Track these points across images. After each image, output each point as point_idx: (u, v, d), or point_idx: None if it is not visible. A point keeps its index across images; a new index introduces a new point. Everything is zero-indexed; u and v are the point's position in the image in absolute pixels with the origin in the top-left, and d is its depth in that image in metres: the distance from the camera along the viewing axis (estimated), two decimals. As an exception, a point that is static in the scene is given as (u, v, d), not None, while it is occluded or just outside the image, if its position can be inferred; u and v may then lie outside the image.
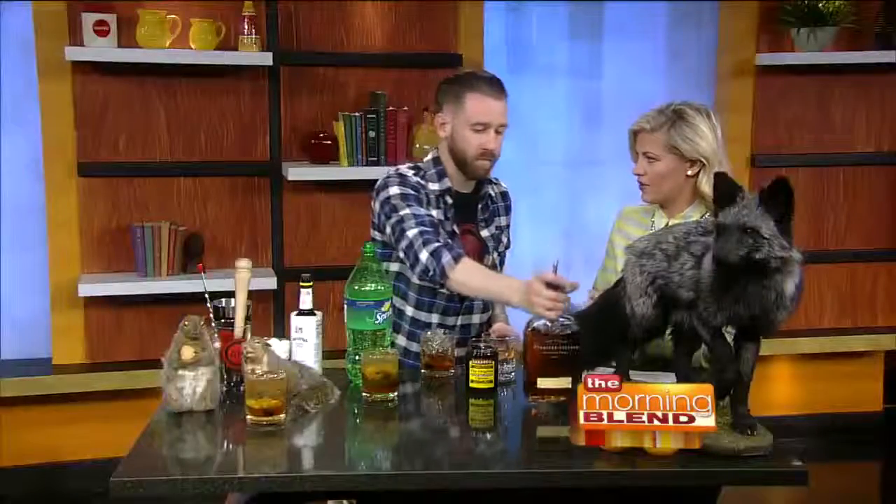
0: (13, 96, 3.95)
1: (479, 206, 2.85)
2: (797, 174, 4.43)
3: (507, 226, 2.96)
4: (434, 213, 2.73)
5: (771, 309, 2.03)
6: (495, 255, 2.88)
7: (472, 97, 2.71)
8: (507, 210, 2.96)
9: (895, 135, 4.60)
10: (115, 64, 3.85)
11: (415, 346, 2.75)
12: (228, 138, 4.05)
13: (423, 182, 2.77)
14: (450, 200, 2.77)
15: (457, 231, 2.77)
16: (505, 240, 2.94)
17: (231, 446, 2.18)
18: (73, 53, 3.74)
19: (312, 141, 4.01)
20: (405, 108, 4.00)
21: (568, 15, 4.48)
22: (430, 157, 2.84)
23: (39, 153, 3.90)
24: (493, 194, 2.89)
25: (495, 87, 2.73)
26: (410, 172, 2.78)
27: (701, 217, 2.66)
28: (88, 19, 3.74)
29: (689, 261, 2.13)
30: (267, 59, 3.87)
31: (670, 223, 2.69)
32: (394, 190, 2.73)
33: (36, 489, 3.95)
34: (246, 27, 3.86)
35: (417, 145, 4.02)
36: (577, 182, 4.47)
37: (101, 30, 3.74)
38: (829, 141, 4.56)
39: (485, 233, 2.85)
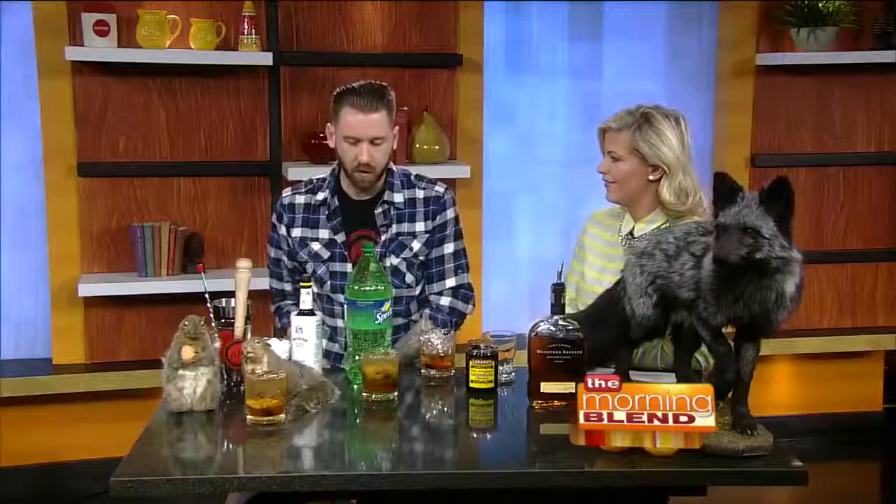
0: (13, 96, 3.95)
1: (380, 212, 2.89)
2: (797, 174, 4.43)
3: (427, 232, 2.90)
4: (296, 231, 2.91)
5: (771, 309, 2.03)
6: (395, 259, 2.88)
7: (345, 111, 2.81)
8: (427, 216, 2.91)
9: (895, 135, 4.60)
10: (115, 64, 3.86)
11: (336, 348, 2.92)
12: (228, 138, 4.05)
13: (298, 201, 2.93)
14: (331, 209, 2.89)
15: (337, 240, 2.88)
16: (417, 246, 2.89)
17: (231, 446, 2.19)
18: (73, 53, 3.74)
19: (312, 141, 4.01)
20: (405, 108, 4.00)
21: (568, 15, 4.48)
22: (336, 163, 2.97)
23: (39, 153, 3.90)
24: (397, 201, 2.90)
25: (367, 100, 2.79)
26: (288, 192, 2.97)
27: (664, 223, 2.65)
28: (88, 19, 3.74)
29: (689, 261, 2.13)
30: (267, 59, 3.88)
31: (636, 228, 2.70)
32: (272, 217, 3.00)
33: (36, 489, 3.95)
34: (246, 27, 3.86)
35: (417, 145, 4.03)
36: (576, 182, 4.47)
37: (101, 30, 3.74)
38: (829, 141, 4.56)
39: (382, 237, 2.88)
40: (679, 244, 2.18)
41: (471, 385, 2.40)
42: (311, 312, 2.48)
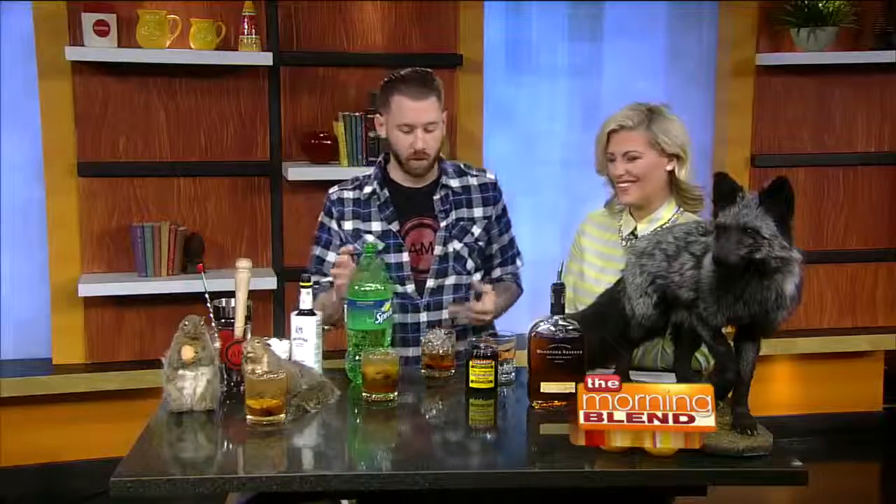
0: (13, 96, 3.95)
1: (439, 197, 2.88)
2: (797, 174, 4.44)
3: (486, 218, 2.92)
4: (348, 224, 2.86)
5: (771, 309, 2.03)
6: (458, 244, 2.87)
7: (396, 99, 2.79)
8: (486, 202, 2.92)
9: (895, 135, 4.60)
10: (115, 64, 3.86)
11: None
12: (228, 138, 4.05)
13: (347, 196, 2.89)
14: (381, 200, 2.86)
15: (392, 229, 2.84)
16: (477, 231, 2.90)
17: (231, 446, 2.18)
18: (73, 53, 3.74)
19: (312, 141, 4.02)
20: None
21: (568, 15, 4.48)
22: (381, 156, 2.96)
23: (39, 153, 3.90)
24: (455, 186, 2.90)
25: (419, 87, 2.78)
26: (335, 189, 2.92)
27: (671, 216, 2.66)
28: (88, 19, 3.74)
29: (689, 261, 2.13)
30: (267, 59, 3.88)
31: (638, 228, 2.70)
32: (320, 218, 2.94)
33: (36, 489, 3.95)
34: (246, 27, 3.86)
35: (417, 145, 4.03)
36: (576, 182, 4.47)
37: (101, 30, 3.75)
38: (829, 141, 4.56)
39: (443, 223, 2.87)
40: (679, 244, 2.18)
41: (471, 385, 2.40)
42: (311, 312, 2.48)
